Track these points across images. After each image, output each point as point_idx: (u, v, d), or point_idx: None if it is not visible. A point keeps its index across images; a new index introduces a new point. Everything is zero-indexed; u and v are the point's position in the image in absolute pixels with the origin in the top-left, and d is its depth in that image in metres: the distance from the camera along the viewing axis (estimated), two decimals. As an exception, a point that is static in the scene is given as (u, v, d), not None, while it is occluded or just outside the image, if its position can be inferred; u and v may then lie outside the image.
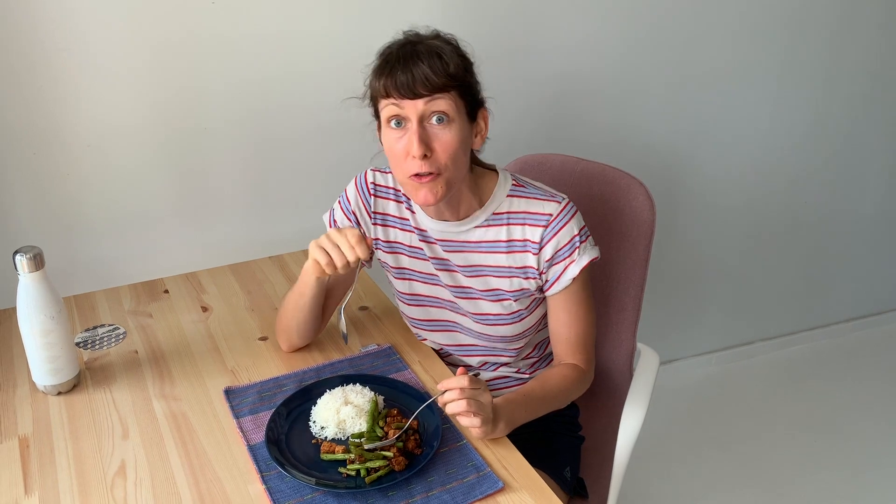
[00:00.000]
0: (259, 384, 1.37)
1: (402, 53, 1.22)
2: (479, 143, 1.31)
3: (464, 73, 1.24)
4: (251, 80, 1.78)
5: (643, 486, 2.23)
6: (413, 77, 1.19)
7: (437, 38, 1.26)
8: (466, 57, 1.27)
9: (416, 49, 1.22)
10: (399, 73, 1.20)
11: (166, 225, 1.83)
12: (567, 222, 1.32)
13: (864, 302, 2.93)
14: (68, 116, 1.67)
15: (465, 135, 1.26)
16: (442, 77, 1.20)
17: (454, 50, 1.25)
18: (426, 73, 1.19)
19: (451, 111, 1.22)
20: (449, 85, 1.21)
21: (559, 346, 1.41)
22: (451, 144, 1.23)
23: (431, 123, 1.22)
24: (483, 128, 1.31)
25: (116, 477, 1.17)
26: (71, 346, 1.35)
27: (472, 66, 1.28)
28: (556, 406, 1.36)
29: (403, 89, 1.20)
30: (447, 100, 1.22)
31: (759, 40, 2.26)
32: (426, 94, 1.20)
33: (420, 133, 1.21)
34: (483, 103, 1.31)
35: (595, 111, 2.16)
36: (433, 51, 1.22)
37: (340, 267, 1.26)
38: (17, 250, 1.25)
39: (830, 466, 2.34)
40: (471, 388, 1.17)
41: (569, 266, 1.32)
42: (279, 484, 1.15)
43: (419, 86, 1.20)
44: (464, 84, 1.24)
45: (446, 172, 1.24)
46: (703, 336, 2.70)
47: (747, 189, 2.48)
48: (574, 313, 1.37)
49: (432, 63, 1.20)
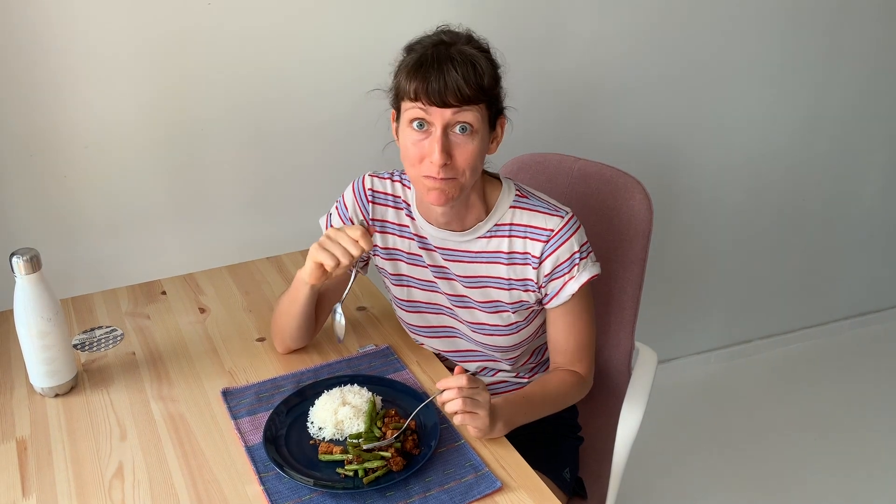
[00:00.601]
0: (257, 385, 1.37)
1: (436, 56, 1.18)
2: (494, 148, 1.29)
3: (495, 83, 1.22)
4: (249, 81, 1.77)
5: (642, 486, 2.23)
6: (446, 85, 1.16)
7: (471, 42, 1.23)
8: (497, 66, 1.25)
9: (449, 53, 1.18)
10: (432, 79, 1.16)
11: (164, 226, 1.83)
12: (568, 238, 1.31)
13: (863, 299, 2.93)
14: (66, 117, 1.67)
15: (485, 144, 1.25)
16: (475, 89, 1.18)
17: (487, 59, 1.22)
18: (459, 84, 1.16)
19: (476, 122, 1.20)
20: (480, 98, 1.19)
21: (557, 356, 1.40)
22: (472, 154, 1.22)
23: (455, 132, 1.21)
24: (500, 134, 1.29)
25: (114, 479, 1.17)
26: (68, 348, 1.34)
27: (500, 75, 1.26)
28: (554, 409, 1.36)
29: (434, 96, 1.17)
30: (475, 112, 1.20)
31: (757, 37, 2.26)
32: (456, 105, 1.18)
33: (443, 142, 1.20)
34: (504, 111, 1.29)
35: (592, 110, 2.16)
36: (468, 59, 1.18)
37: (345, 264, 1.24)
38: (14, 252, 1.25)
39: (830, 464, 2.33)
40: (469, 387, 1.16)
41: (568, 282, 1.32)
42: (277, 485, 1.15)
43: (450, 96, 1.17)
44: (492, 96, 1.22)
45: (462, 178, 1.24)
46: (701, 335, 2.70)
47: (745, 187, 2.48)
48: (573, 325, 1.36)
49: (466, 73, 1.17)
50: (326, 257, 1.24)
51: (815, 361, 2.78)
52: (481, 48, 1.23)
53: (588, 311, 1.37)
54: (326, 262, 1.24)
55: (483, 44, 1.25)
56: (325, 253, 1.24)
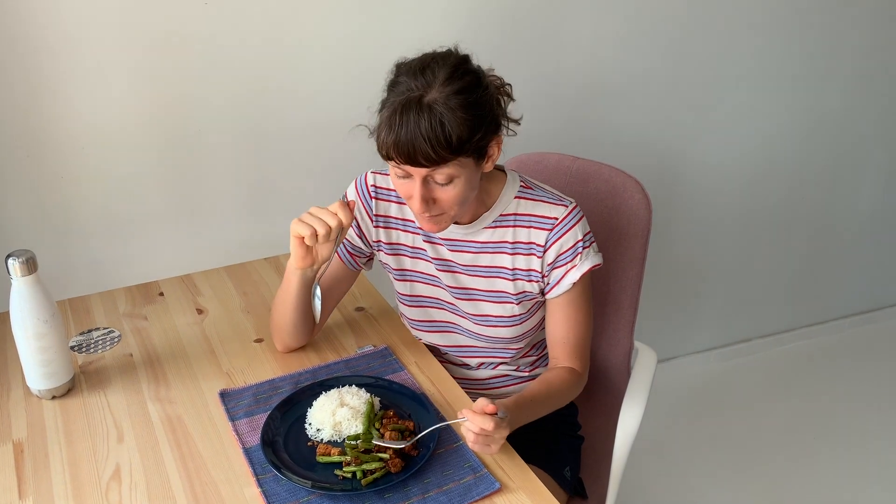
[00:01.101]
0: (254, 386, 1.37)
1: (404, 118, 1.14)
2: (489, 167, 1.27)
3: (471, 135, 1.16)
4: (246, 81, 1.77)
5: (642, 484, 2.23)
6: (414, 150, 1.14)
7: (448, 82, 1.16)
8: (480, 106, 1.18)
9: (419, 114, 1.13)
10: (401, 141, 1.14)
11: (161, 227, 1.82)
12: (572, 227, 1.32)
13: (862, 298, 2.92)
14: (62, 118, 1.66)
15: (472, 179, 1.23)
16: (443, 152, 1.14)
17: (463, 106, 1.15)
18: (425, 151, 1.14)
19: (455, 173, 1.19)
20: (452, 157, 1.16)
21: (556, 348, 1.40)
22: (457, 197, 1.22)
23: (435, 180, 1.20)
24: (496, 152, 1.25)
25: (111, 481, 1.17)
26: (65, 350, 1.34)
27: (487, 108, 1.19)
28: (553, 408, 1.36)
29: (404, 159, 1.16)
30: (451, 166, 1.18)
31: (755, 37, 2.25)
32: (427, 166, 1.17)
33: (423, 192, 1.20)
34: (496, 130, 1.24)
35: (591, 109, 2.15)
36: (436, 117, 1.13)
37: (323, 235, 1.24)
38: (10, 254, 1.24)
39: (829, 463, 2.33)
40: (494, 433, 1.12)
41: (570, 271, 1.32)
42: (275, 487, 1.14)
43: (421, 159, 1.15)
44: (471, 146, 1.18)
45: (451, 211, 1.25)
46: (700, 333, 2.70)
47: (744, 186, 2.47)
48: (572, 317, 1.37)
49: (434, 135, 1.13)
50: (303, 228, 1.25)
51: (814, 360, 2.78)
52: (461, 90, 1.16)
53: (587, 305, 1.38)
54: (303, 232, 1.25)
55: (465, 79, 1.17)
56: (302, 224, 1.25)
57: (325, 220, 1.24)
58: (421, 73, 1.17)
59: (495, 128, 1.23)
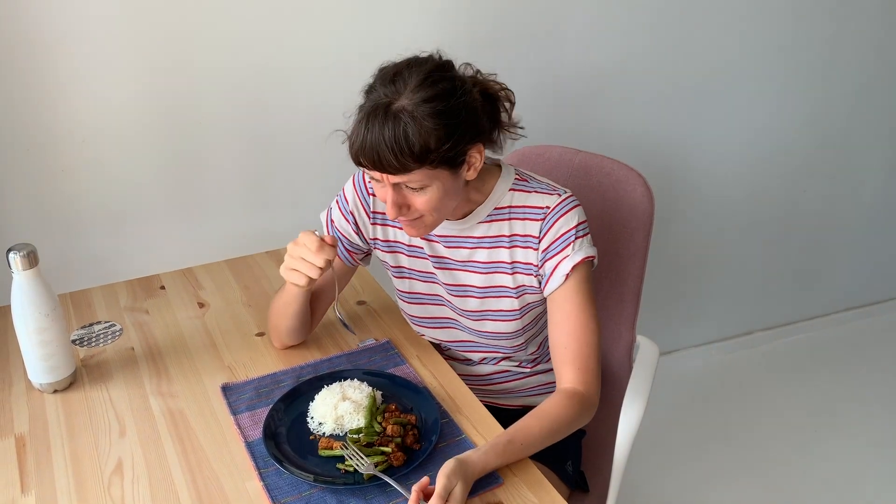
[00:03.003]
0: (256, 380, 1.37)
1: (370, 123, 1.14)
2: (472, 175, 1.24)
3: (439, 144, 1.14)
4: (247, 73, 1.76)
5: (644, 478, 2.23)
6: (378, 157, 1.13)
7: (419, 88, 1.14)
8: (451, 114, 1.15)
9: (384, 121, 1.13)
10: (367, 147, 1.14)
11: (162, 220, 1.82)
12: (564, 214, 1.28)
13: (864, 291, 2.92)
14: (62, 112, 1.66)
15: (449, 187, 1.21)
16: (407, 160, 1.13)
17: (431, 114, 1.13)
18: (389, 160, 1.13)
19: (424, 181, 1.17)
20: (417, 166, 1.15)
21: (558, 361, 1.30)
22: (430, 202, 1.20)
23: (408, 187, 1.19)
24: (478, 159, 1.22)
25: (113, 475, 1.17)
26: (66, 344, 1.34)
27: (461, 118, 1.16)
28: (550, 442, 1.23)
29: (371, 166, 1.16)
30: (418, 174, 1.16)
31: (758, 31, 2.24)
32: (394, 173, 1.16)
33: (395, 197, 1.19)
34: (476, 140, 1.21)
35: (593, 102, 2.15)
36: (400, 125, 1.12)
37: (316, 277, 1.25)
38: (11, 248, 1.24)
39: (831, 455, 2.33)
40: None
41: (562, 261, 1.27)
42: (277, 480, 1.14)
43: (386, 166, 1.15)
44: (438, 156, 1.15)
45: (429, 217, 1.23)
46: (702, 326, 2.69)
47: (746, 179, 2.47)
48: (572, 316, 1.28)
49: (396, 144, 1.12)
50: (297, 278, 1.26)
51: (817, 352, 2.78)
52: (432, 97, 1.14)
53: (588, 306, 1.29)
54: (299, 282, 1.26)
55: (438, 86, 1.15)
56: (294, 274, 1.26)
57: (313, 263, 1.24)
58: (391, 81, 1.17)
59: (473, 136, 1.20)
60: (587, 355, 1.28)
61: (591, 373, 1.28)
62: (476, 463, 1.11)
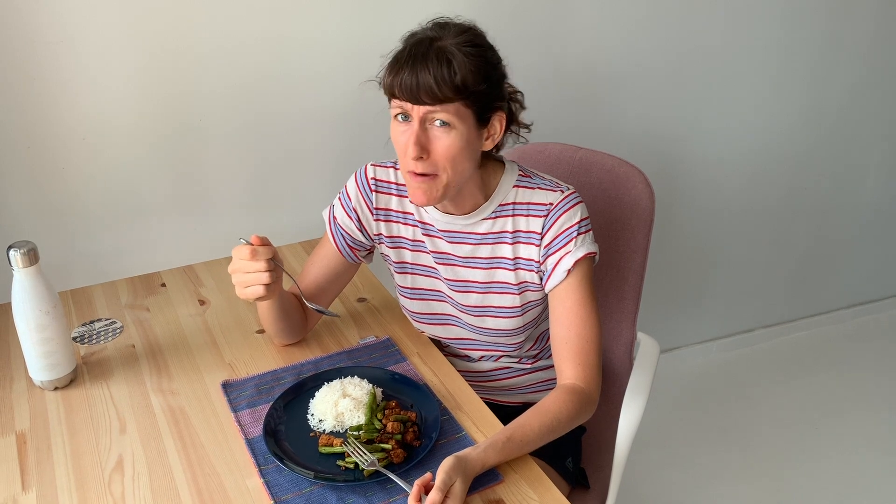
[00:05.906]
0: (257, 377, 1.37)
1: (413, 53, 1.17)
2: (489, 145, 1.27)
3: (476, 81, 1.18)
4: (249, 71, 1.76)
5: (644, 475, 2.23)
6: (417, 84, 1.16)
7: (462, 34, 1.20)
8: (488, 61, 1.21)
9: (427, 52, 1.17)
10: (405, 76, 1.16)
11: (163, 218, 1.82)
12: (567, 210, 1.29)
13: (865, 288, 2.92)
14: (63, 109, 1.65)
15: (470, 139, 1.22)
16: (447, 89, 1.16)
17: (472, 54, 1.18)
18: (429, 85, 1.15)
19: (453, 119, 1.19)
20: (454, 97, 1.17)
21: (559, 355, 1.30)
22: (450, 149, 1.20)
23: (434, 125, 1.20)
24: (498, 130, 1.26)
25: (114, 472, 1.17)
26: (67, 341, 1.34)
27: (496, 70, 1.23)
28: (550, 439, 1.22)
29: (407, 94, 1.17)
30: (452, 109, 1.18)
31: (758, 28, 2.24)
32: (429, 103, 1.17)
33: (419, 134, 1.19)
34: (501, 107, 1.25)
35: (594, 99, 2.14)
36: (444, 56, 1.16)
37: (268, 280, 1.24)
38: (11, 245, 1.24)
39: (832, 453, 2.33)
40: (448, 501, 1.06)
41: (564, 257, 1.28)
42: (277, 477, 1.14)
43: (423, 94, 1.16)
44: (474, 93, 1.19)
45: (444, 175, 1.22)
46: (703, 324, 2.69)
47: (747, 176, 2.46)
48: (573, 311, 1.29)
49: (439, 72, 1.15)
50: (253, 291, 1.25)
51: (817, 350, 2.78)
52: (473, 43, 1.20)
53: (590, 302, 1.30)
54: (259, 294, 1.25)
55: (473, 38, 1.21)
56: (249, 290, 1.25)
57: (256, 269, 1.23)
58: (436, 26, 1.23)
59: (500, 97, 1.25)
60: (588, 351, 1.28)
61: (591, 369, 1.28)
62: (475, 460, 1.12)
